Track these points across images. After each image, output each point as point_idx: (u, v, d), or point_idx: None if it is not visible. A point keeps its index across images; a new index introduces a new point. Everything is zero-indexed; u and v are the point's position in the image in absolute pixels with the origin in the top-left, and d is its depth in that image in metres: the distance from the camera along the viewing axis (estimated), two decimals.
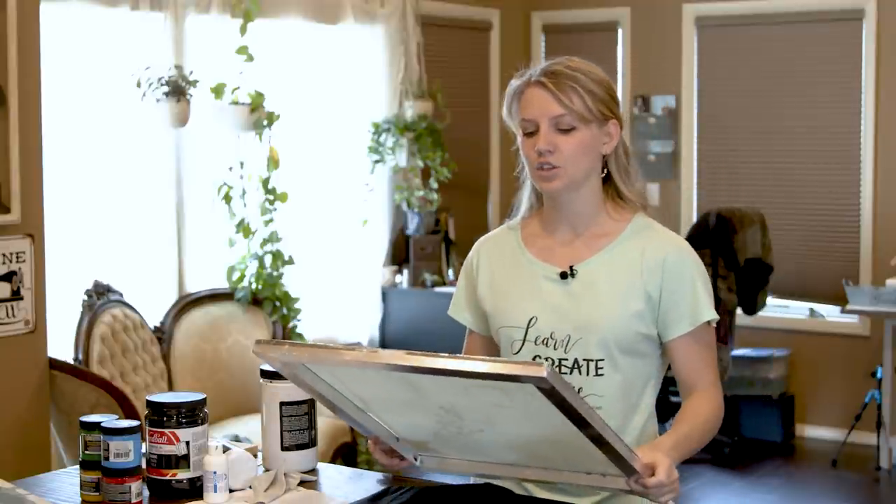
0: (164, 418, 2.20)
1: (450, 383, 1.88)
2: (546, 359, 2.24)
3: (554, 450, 2.04)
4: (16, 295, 4.21)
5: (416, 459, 2.21)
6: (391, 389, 2.00)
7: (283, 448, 2.33)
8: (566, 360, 2.24)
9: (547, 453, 2.07)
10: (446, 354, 1.86)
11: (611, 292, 2.25)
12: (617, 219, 2.31)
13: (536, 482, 2.21)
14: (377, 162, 6.48)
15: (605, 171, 2.31)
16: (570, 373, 2.24)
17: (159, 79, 5.08)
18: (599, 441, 1.90)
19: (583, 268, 2.28)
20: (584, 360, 2.23)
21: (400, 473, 2.31)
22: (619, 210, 2.32)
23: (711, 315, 2.26)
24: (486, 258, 2.39)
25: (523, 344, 2.27)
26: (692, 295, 2.25)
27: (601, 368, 2.23)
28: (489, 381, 1.83)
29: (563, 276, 2.27)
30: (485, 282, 2.37)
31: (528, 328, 2.26)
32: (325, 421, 5.06)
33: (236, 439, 3.64)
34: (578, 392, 2.20)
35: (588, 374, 2.23)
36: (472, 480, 2.31)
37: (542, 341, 2.25)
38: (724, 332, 6.20)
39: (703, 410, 2.24)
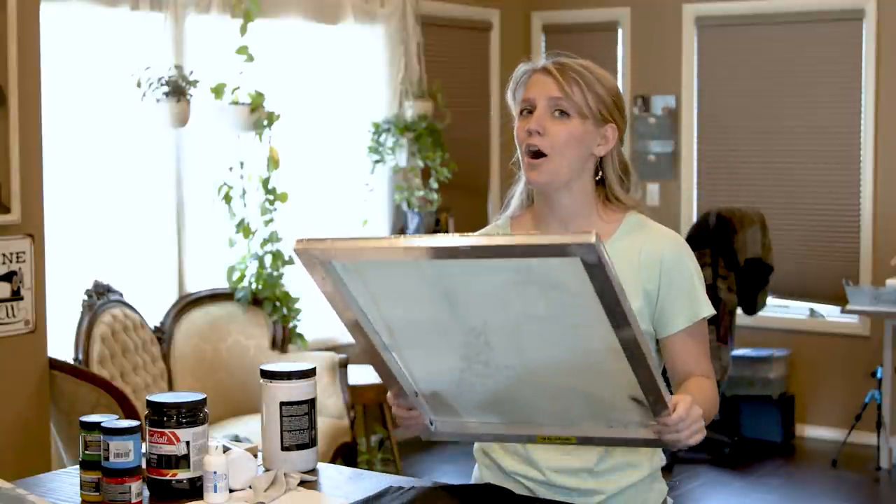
0: (164, 418, 2.20)
1: (488, 284, 1.86)
2: None
3: (581, 397, 2.00)
4: (16, 295, 4.22)
5: (431, 424, 2.20)
6: (424, 305, 1.95)
7: (283, 448, 2.33)
8: None
9: (571, 405, 2.03)
10: (486, 235, 1.84)
11: None
12: (607, 220, 2.30)
13: (553, 440, 2.16)
14: (377, 162, 6.48)
15: (600, 175, 2.30)
16: None
17: (159, 79, 5.08)
18: (633, 354, 1.86)
19: None
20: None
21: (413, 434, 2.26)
22: (608, 211, 2.31)
23: (709, 311, 2.27)
24: None
25: None
26: (690, 291, 2.25)
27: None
28: (533, 272, 1.80)
29: None
30: None
31: None
32: (325, 421, 5.06)
33: (236, 439, 3.64)
34: None
35: None
36: (472, 480, 2.31)
37: None
38: (724, 332, 6.21)
39: (704, 385, 2.23)
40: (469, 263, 1.86)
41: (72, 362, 4.63)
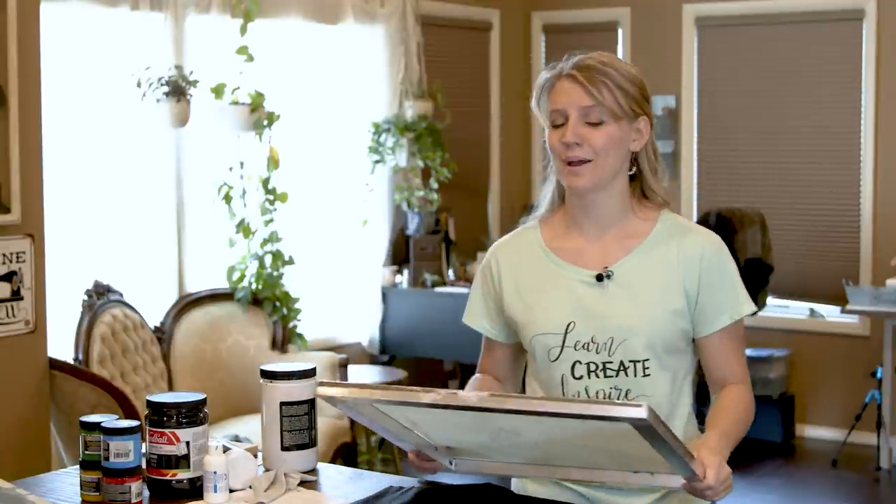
0: (165, 418, 2.20)
1: (524, 418, 1.86)
2: (588, 362, 2.21)
3: (606, 451, 2.01)
4: (16, 295, 4.21)
5: (451, 464, 2.19)
6: (453, 416, 1.96)
7: (283, 448, 2.33)
8: (611, 363, 2.20)
9: (597, 455, 2.04)
10: (535, 396, 1.84)
11: (650, 291, 2.22)
12: (644, 217, 2.28)
13: (579, 482, 2.18)
14: (377, 162, 6.48)
15: (633, 169, 2.28)
16: (617, 375, 2.20)
17: (159, 79, 5.08)
18: (664, 450, 1.89)
19: (617, 269, 2.24)
20: (630, 361, 2.20)
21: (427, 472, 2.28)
22: (644, 209, 2.29)
23: (751, 308, 2.26)
24: (507, 265, 2.33)
25: (562, 350, 2.22)
26: (731, 288, 2.24)
27: (648, 368, 2.21)
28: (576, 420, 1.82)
29: (599, 278, 2.23)
30: (510, 290, 2.31)
31: (566, 334, 2.22)
32: (325, 421, 5.06)
33: (236, 439, 3.63)
34: (626, 394, 2.20)
35: (636, 375, 2.20)
36: (473, 479, 2.31)
37: (583, 346, 2.21)
38: None
39: (736, 401, 2.23)
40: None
41: (72, 362, 4.63)
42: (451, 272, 6.72)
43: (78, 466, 2.24)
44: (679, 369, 2.26)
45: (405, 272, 6.64)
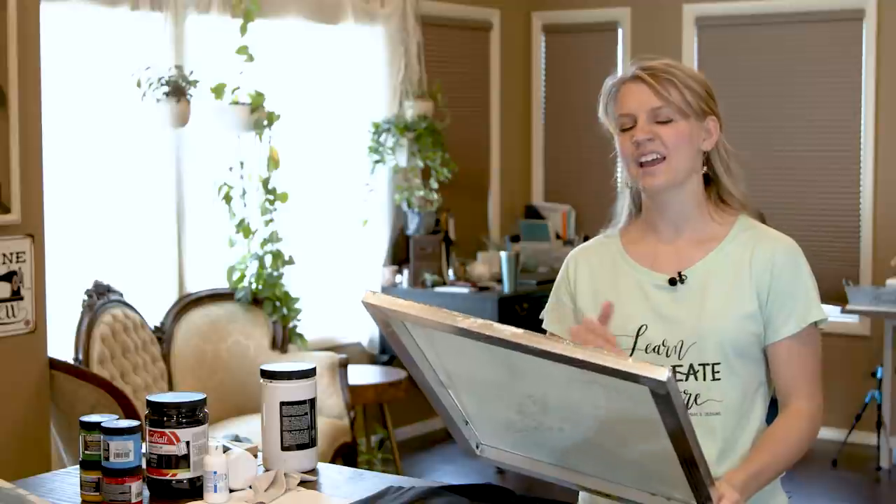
0: (165, 418, 2.20)
1: (554, 372, 1.85)
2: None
3: (628, 462, 2.00)
4: (16, 295, 4.21)
5: (477, 447, 2.19)
6: (484, 368, 1.96)
7: (283, 448, 2.33)
8: (681, 366, 2.19)
9: (618, 465, 2.03)
10: (564, 340, 1.83)
11: (722, 295, 2.20)
12: (720, 221, 2.28)
13: (595, 493, 2.15)
14: (377, 162, 6.48)
15: (706, 170, 2.28)
16: (686, 379, 2.18)
17: (159, 79, 5.08)
18: (686, 460, 1.87)
19: (691, 272, 2.23)
20: (700, 364, 2.18)
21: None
22: (721, 213, 2.29)
23: (821, 315, 2.21)
24: (585, 268, 2.32)
25: (633, 352, 2.21)
26: (801, 294, 2.21)
27: (718, 372, 2.19)
28: (599, 376, 1.80)
29: (672, 282, 2.23)
30: (586, 292, 2.31)
31: (637, 336, 2.21)
32: (325, 421, 5.06)
33: (236, 439, 3.63)
34: (696, 399, 2.18)
35: (705, 378, 2.18)
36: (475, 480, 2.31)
37: (654, 349, 2.20)
38: None
39: (788, 432, 2.19)
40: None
41: (72, 362, 4.63)
42: (451, 272, 6.72)
43: (78, 466, 2.24)
44: (752, 379, 2.23)
45: (405, 272, 6.64)
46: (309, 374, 2.36)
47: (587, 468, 2.08)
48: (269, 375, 2.35)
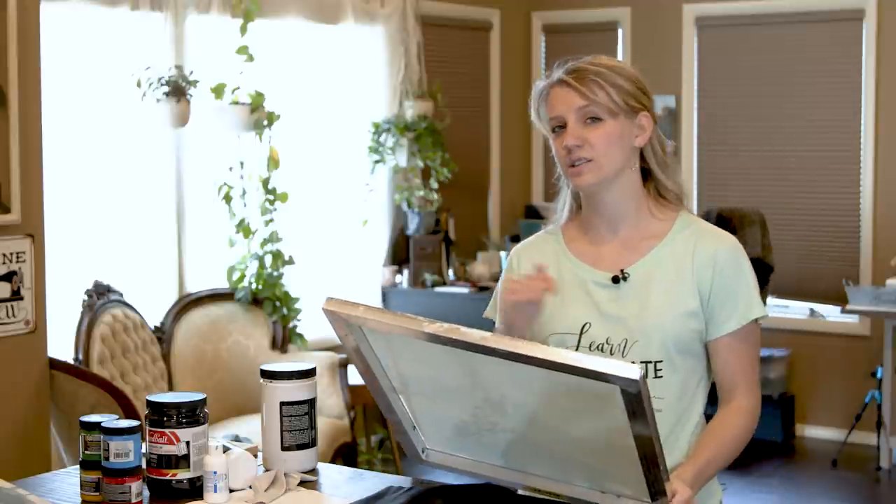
0: (165, 418, 2.20)
1: (517, 374, 1.86)
2: None
3: (581, 461, 2.01)
4: (16, 295, 4.21)
5: (422, 452, 2.21)
6: (444, 372, 1.97)
7: (283, 448, 2.33)
8: None
9: (571, 464, 2.04)
10: (530, 342, 1.85)
11: (665, 293, 2.22)
12: (661, 218, 2.29)
13: (545, 493, 2.16)
14: (377, 162, 6.48)
15: (642, 166, 2.28)
16: None
17: (159, 79, 5.08)
18: (646, 456, 1.88)
19: (633, 270, 2.25)
20: (643, 362, 2.20)
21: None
22: (661, 209, 2.30)
23: (761, 312, 2.24)
24: (528, 264, 2.34)
25: (577, 350, 2.22)
26: (743, 291, 2.23)
27: (660, 370, 2.21)
28: (565, 376, 1.80)
29: (615, 280, 2.25)
30: None
31: (581, 334, 2.23)
32: (325, 421, 5.06)
33: (236, 439, 3.64)
34: None
35: (647, 376, 2.19)
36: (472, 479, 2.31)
37: (598, 347, 2.22)
38: None
39: (730, 427, 2.22)
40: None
41: (72, 362, 4.63)
42: (451, 272, 6.72)
43: (78, 466, 2.24)
44: (692, 374, 2.25)
45: (405, 272, 6.64)
46: (309, 374, 2.36)
47: (537, 469, 2.10)
48: (269, 375, 2.35)
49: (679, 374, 2.22)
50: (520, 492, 2.24)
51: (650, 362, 2.20)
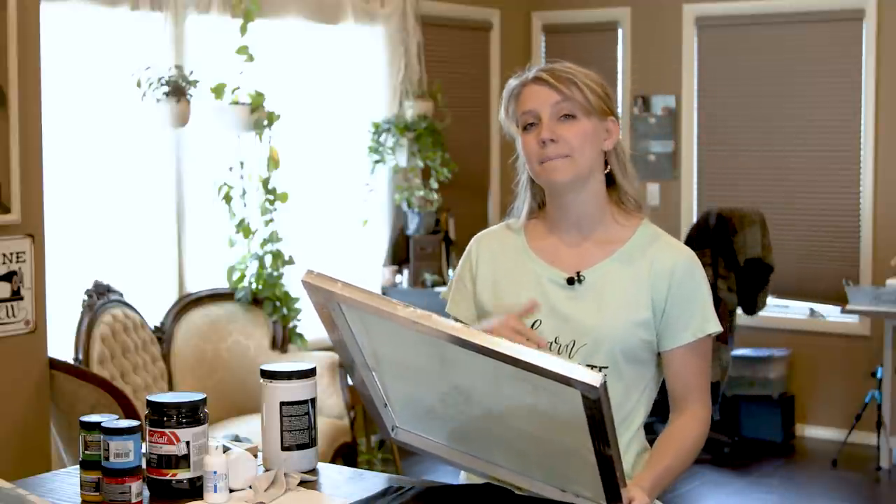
0: (165, 418, 2.20)
1: (485, 366, 1.88)
2: None
3: (543, 458, 2.03)
4: (16, 295, 4.22)
5: (392, 430, 2.22)
6: (416, 355, 1.99)
7: (283, 448, 2.33)
8: None
9: (533, 460, 2.06)
10: (500, 338, 1.87)
11: (618, 300, 2.23)
12: (623, 224, 2.30)
13: (505, 483, 2.18)
14: (377, 162, 6.48)
15: (608, 170, 2.30)
16: None
17: (159, 79, 5.08)
18: (603, 461, 1.90)
19: (590, 274, 2.26)
20: (588, 366, 2.21)
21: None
22: (624, 215, 2.31)
23: (716, 328, 2.26)
24: (487, 254, 2.36)
25: None
26: (699, 306, 2.25)
27: (605, 376, 2.22)
28: (531, 375, 1.82)
29: (570, 281, 2.26)
30: (485, 278, 2.34)
31: None
32: (325, 421, 5.06)
33: (236, 439, 3.64)
34: None
35: None
36: (466, 478, 2.31)
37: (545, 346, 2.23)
38: (724, 332, 6.20)
39: (688, 435, 2.24)
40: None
41: (72, 362, 4.63)
42: (450, 272, 6.72)
43: (78, 466, 2.24)
44: (637, 381, 2.27)
45: (405, 272, 6.64)
46: (309, 374, 2.36)
47: (501, 460, 2.11)
48: (269, 375, 2.35)
49: (623, 382, 2.24)
50: (519, 492, 2.25)
51: (595, 367, 2.19)
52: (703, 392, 2.28)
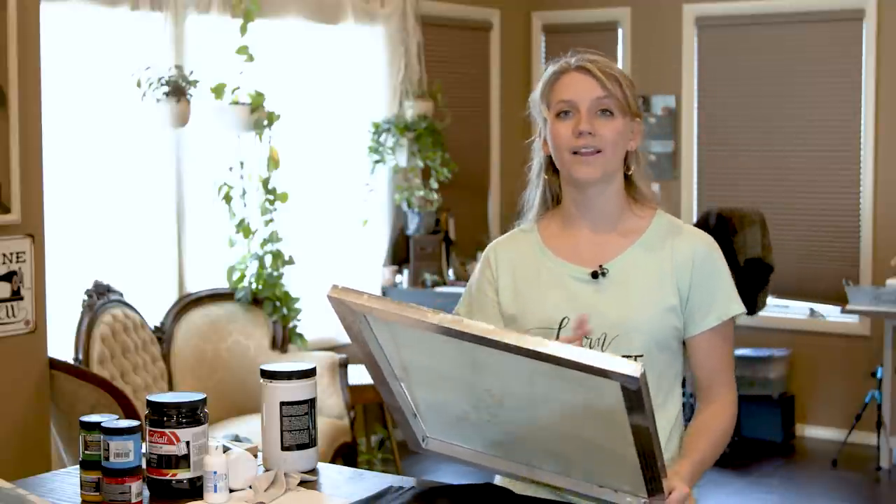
0: (165, 418, 2.20)
1: (518, 366, 1.87)
2: None
3: (580, 455, 2.02)
4: (16, 295, 4.21)
5: (422, 441, 2.21)
6: (447, 362, 1.98)
7: (283, 448, 2.33)
8: None
9: (569, 458, 2.04)
10: (532, 336, 1.86)
11: (645, 289, 2.24)
12: (641, 215, 2.31)
13: (543, 485, 2.17)
14: (377, 162, 6.48)
15: (630, 171, 2.31)
16: None
17: (159, 79, 5.08)
18: (643, 453, 1.89)
19: (613, 266, 2.26)
20: (622, 357, 2.22)
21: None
22: (639, 207, 2.32)
23: (740, 309, 2.27)
24: (505, 261, 2.34)
25: None
26: (721, 289, 2.26)
27: (643, 367, 2.22)
28: (566, 371, 1.82)
29: (595, 275, 2.26)
30: (506, 284, 2.33)
31: (559, 329, 2.23)
32: (325, 421, 5.06)
33: (236, 439, 3.64)
34: None
35: None
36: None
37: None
38: None
39: (720, 424, 2.26)
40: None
41: (72, 362, 4.63)
42: (451, 272, 6.72)
43: (78, 466, 2.24)
44: (669, 371, 2.27)
45: (405, 272, 6.64)
46: (309, 374, 2.36)
47: (536, 461, 2.10)
48: (269, 375, 2.35)
49: (656, 370, 2.23)
50: (518, 492, 2.25)
51: (629, 357, 2.18)
52: (729, 375, 2.29)
